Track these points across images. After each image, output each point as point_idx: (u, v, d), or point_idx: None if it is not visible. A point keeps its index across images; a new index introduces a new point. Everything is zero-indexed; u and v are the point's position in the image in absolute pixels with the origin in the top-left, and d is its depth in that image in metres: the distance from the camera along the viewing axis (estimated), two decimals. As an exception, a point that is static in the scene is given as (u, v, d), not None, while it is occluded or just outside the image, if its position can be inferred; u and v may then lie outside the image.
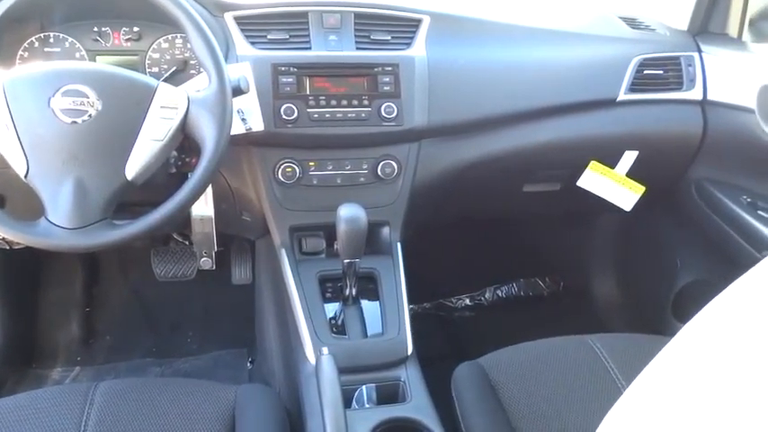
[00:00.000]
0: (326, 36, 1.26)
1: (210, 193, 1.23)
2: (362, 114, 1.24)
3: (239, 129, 1.16)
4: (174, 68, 1.24)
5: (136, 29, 1.24)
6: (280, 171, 1.25)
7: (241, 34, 1.24)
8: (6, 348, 1.70)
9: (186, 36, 1.03)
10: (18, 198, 1.15)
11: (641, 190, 1.46)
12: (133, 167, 0.97)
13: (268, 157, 1.25)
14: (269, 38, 1.24)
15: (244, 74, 1.11)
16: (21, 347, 1.78)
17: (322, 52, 1.25)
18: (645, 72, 1.43)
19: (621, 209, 1.48)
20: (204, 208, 1.24)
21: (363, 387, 1.09)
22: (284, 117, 1.20)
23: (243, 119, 1.17)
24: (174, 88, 1.02)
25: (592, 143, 1.45)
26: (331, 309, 1.21)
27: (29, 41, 1.19)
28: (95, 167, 0.96)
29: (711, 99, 1.44)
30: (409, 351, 1.15)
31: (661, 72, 1.44)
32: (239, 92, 1.08)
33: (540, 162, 1.48)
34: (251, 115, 1.17)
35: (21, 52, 1.19)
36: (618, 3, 1.67)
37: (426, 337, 1.31)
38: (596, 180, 1.46)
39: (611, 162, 1.46)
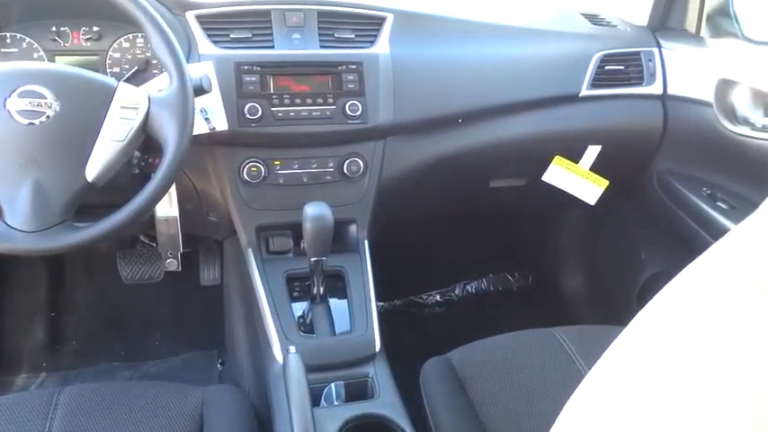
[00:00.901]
0: (290, 34, 1.26)
1: (175, 193, 1.22)
2: (327, 113, 1.24)
3: (203, 128, 1.15)
4: (136, 68, 1.23)
5: (96, 28, 1.22)
6: (245, 170, 1.24)
7: (203, 33, 1.23)
8: None
9: (146, 35, 1.02)
10: None
11: (605, 184, 1.49)
12: (93, 169, 0.96)
13: (233, 157, 1.24)
14: (231, 37, 1.23)
15: (206, 73, 1.10)
16: None
17: (285, 51, 1.24)
18: (606, 68, 1.45)
19: (586, 203, 1.50)
20: (168, 209, 1.22)
21: (332, 385, 1.10)
22: (248, 116, 1.19)
23: (206, 118, 1.16)
24: (135, 88, 1.01)
25: (556, 138, 1.47)
26: (299, 308, 1.21)
27: None
28: (54, 169, 0.94)
29: (671, 93, 1.47)
30: (377, 348, 1.16)
31: (622, 67, 1.47)
32: (201, 91, 1.07)
33: (506, 158, 1.49)
34: (214, 115, 1.16)
35: None
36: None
37: (397, 334, 1.32)
38: (561, 174, 1.48)
39: (575, 157, 1.48)
